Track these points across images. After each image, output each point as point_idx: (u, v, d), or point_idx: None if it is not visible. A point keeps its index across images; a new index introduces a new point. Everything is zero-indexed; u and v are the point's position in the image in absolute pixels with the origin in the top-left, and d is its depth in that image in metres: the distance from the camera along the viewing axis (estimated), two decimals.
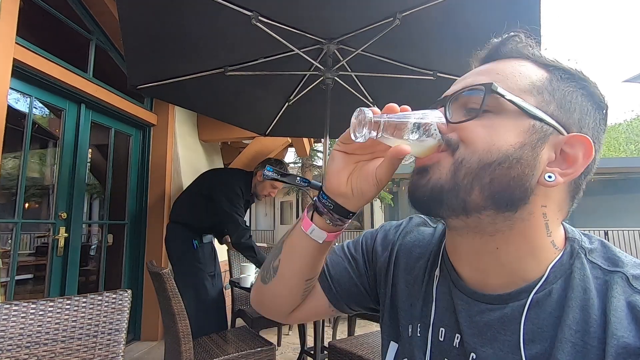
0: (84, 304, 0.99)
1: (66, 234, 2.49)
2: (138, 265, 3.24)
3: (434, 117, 0.41)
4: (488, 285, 0.43)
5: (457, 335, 0.45)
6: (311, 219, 0.49)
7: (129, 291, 1.05)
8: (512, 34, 0.45)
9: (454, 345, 0.45)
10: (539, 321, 0.39)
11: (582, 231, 0.46)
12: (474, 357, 0.41)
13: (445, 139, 0.41)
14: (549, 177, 0.39)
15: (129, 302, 1.02)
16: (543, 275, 0.40)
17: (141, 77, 2.24)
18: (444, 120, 0.41)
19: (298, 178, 0.99)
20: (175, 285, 1.50)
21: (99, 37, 2.87)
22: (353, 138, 0.40)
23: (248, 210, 2.58)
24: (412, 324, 0.51)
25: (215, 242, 2.59)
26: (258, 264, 2.10)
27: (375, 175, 0.44)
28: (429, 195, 0.41)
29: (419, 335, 0.49)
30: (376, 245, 0.60)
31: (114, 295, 1.01)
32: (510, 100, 0.39)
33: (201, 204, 2.33)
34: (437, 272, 0.50)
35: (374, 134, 0.39)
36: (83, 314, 0.98)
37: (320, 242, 0.49)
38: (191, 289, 2.19)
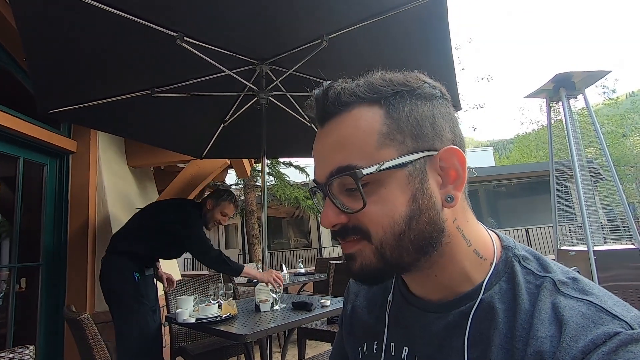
0: None
1: None
2: (57, 312, 2.83)
3: None
4: (434, 299, 0.45)
5: (405, 347, 0.47)
6: None
7: (31, 347, 0.89)
8: (327, 85, 0.43)
9: (402, 357, 0.46)
10: (479, 326, 0.40)
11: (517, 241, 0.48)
12: None
13: (358, 230, 0.41)
14: (449, 199, 0.41)
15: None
16: (480, 286, 0.42)
17: (53, 100, 2.02)
18: None
19: None
20: (97, 332, 1.32)
21: None
22: None
23: None
24: (366, 343, 0.53)
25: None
26: (236, 273, 2.16)
27: None
28: (367, 277, 0.43)
29: (374, 352, 0.51)
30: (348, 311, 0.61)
31: (10, 355, 0.85)
32: (378, 171, 0.39)
33: (151, 234, 2.22)
34: (390, 297, 0.53)
35: None
36: None
37: None
38: (136, 328, 1.98)
